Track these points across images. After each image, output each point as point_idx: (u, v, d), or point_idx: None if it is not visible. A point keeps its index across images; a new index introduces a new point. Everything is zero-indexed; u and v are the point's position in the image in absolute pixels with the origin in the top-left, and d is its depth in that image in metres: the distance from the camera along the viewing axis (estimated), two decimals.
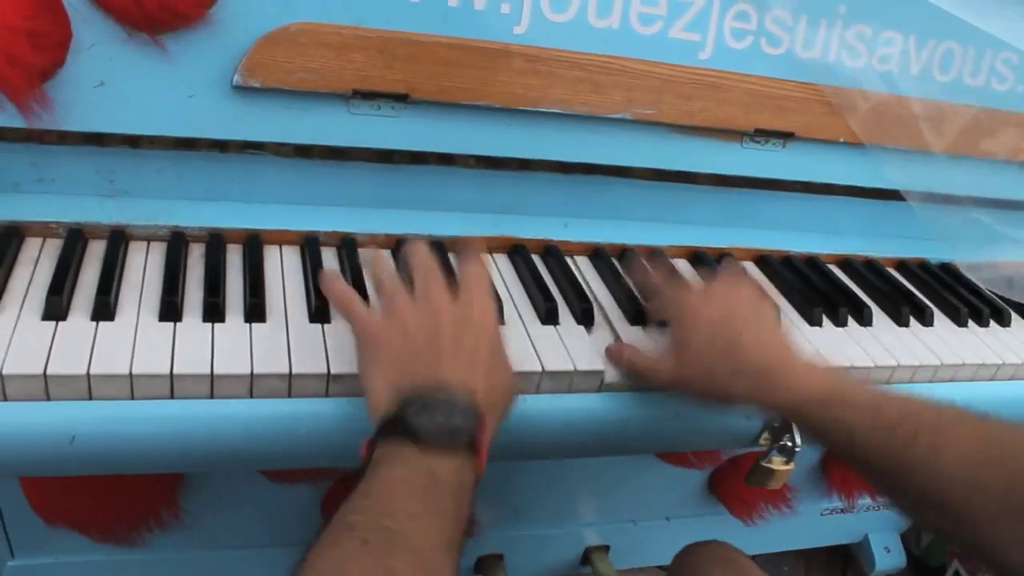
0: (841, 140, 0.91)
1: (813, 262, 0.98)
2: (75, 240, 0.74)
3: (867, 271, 0.99)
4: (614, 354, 0.75)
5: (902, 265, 1.04)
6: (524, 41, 0.79)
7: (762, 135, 0.89)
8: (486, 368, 0.60)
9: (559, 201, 0.90)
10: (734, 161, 0.90)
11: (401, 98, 0.77)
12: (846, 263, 1.01)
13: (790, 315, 0.88)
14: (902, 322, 0.91)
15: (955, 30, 0.91)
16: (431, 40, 0.76)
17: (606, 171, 0.89)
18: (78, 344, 0.64)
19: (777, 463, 0.83)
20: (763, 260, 0.97)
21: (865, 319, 0.89)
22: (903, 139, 0.93)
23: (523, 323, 0.77)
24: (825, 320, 0.88)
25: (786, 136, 0.89)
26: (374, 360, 0.60)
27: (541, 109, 0.81)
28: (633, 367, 0.74)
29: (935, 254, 1.06)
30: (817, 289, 0.91)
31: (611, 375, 0.74)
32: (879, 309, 0.92)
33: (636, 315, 0.81)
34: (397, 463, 0.53)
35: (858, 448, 0.64)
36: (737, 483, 1.20)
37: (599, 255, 0.89)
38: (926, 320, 0.92)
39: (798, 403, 0.67)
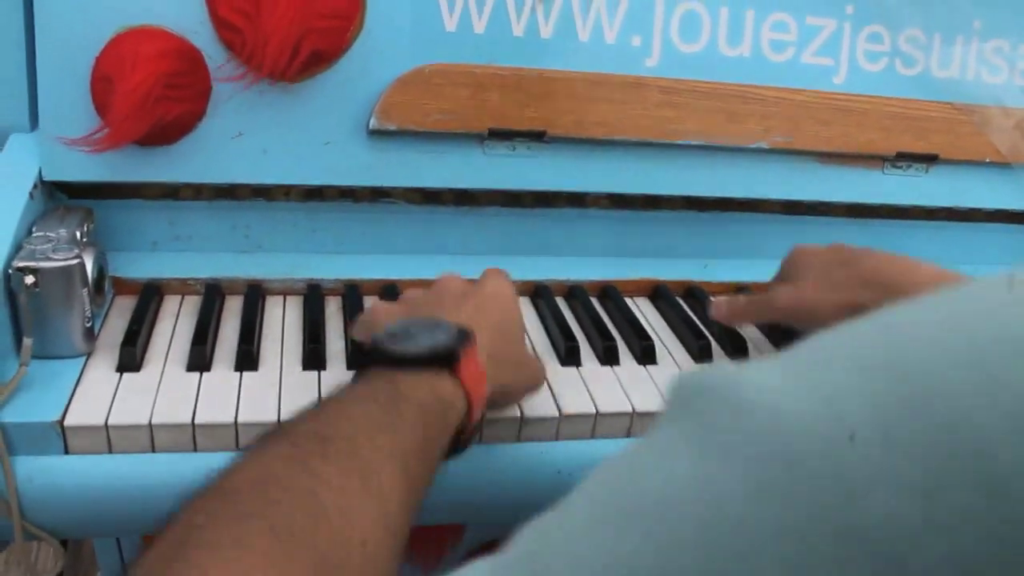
0: (987, 160, 0.86)
1: None
2: (213, 295, 0.72)
3: None
4: (716, 308, 0.73)
5: None
6: (656, 73, 0.77)
7: (904, 159, 0.85)
8: (495, 329, 0.57)
9: (695, 240, 0.86)
10: (875, 189, 0.86)
11: (537, 136, 0.75)
12: None
13: None
14: None
15: None
16: (565, 76, 0.75)
17: (741, 206, 0.85)
18: (223, 393, 0.62)
19: None
20: None
21: None
22: None
23: (676, 363, 0.73)
24: None
25: (929, 159, 0.85)
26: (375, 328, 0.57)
27: (677, 142, 0.78)
28: (743, 307, 0.73)
29: None
30: None
31: None
32: None
33: None
34: (359, 381, 0.49)
35: None
36: None
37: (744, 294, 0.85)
38: None
39: None
